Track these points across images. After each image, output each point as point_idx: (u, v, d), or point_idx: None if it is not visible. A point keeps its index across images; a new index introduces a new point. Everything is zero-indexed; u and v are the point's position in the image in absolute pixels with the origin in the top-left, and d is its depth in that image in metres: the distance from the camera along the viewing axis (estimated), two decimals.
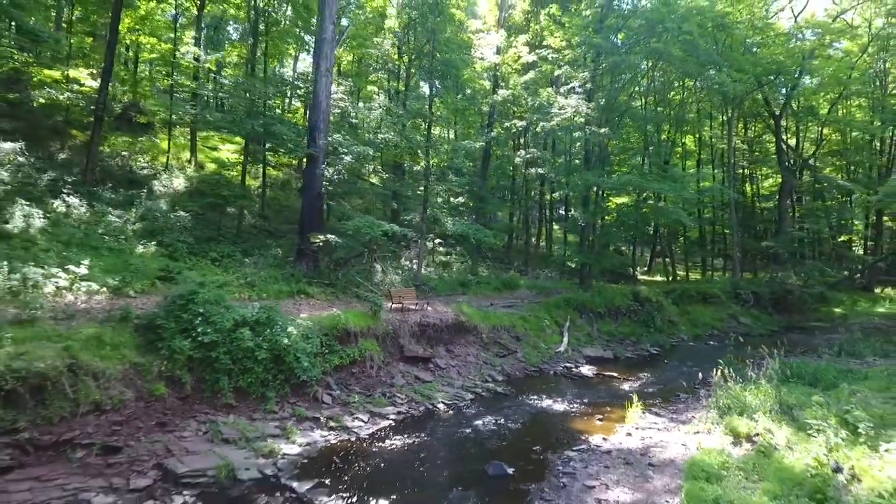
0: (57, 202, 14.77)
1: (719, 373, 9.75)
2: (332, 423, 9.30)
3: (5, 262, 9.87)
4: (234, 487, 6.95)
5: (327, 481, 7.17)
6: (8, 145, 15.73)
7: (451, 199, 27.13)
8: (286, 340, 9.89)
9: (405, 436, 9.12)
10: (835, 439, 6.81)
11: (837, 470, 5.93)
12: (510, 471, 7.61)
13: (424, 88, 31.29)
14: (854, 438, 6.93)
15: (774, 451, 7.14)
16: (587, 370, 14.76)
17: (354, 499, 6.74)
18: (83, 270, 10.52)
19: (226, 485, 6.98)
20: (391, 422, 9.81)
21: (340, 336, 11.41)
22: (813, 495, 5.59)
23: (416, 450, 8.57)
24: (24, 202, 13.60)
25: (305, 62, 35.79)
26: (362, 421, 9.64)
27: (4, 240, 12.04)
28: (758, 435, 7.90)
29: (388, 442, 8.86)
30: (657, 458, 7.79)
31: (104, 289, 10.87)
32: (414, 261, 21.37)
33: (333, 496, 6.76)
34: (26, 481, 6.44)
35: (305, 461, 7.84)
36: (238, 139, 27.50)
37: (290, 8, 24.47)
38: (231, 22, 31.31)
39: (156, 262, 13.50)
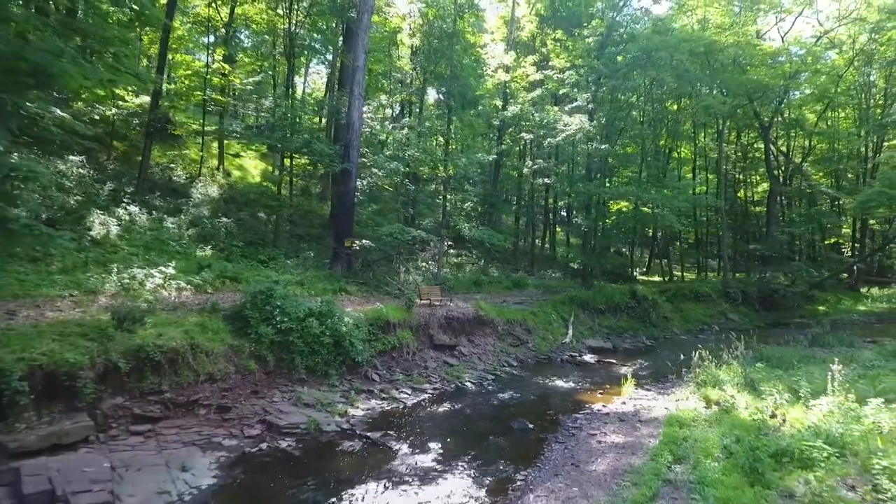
0: (120, 211, 16.90)
1: (698, 355, 11.92)
2: (383, 395, 11.51)
3: (115, 265, 12.10)
4: (322, 436, 9.15)
5: (391, 432, 9.38)
6: (72, 158, 17.93)
7: (461, 205, 29.29)
8: (343, 329, 12.08)
9: (444, 404, 11.35)
10: (780, 400, 9.06)
11: (772, 416, 8.13)
12: (531, 426, 9.83)
13: (431, 95, 33.47)
14: (795, 400, 9.13)
15: (734, 409, 9.31)
16: (589, 358, 16.96)
17: (416, 442, 8.94)
18: (171, 271, 12.72)
19: (315, 435, 9.17)
20: (430, 395, 12.02)
21: (382, 326, 13.60)
22: (752, 432, 7.75)
23: (454, 413, 10.79)
24: (97, 211, 15.80)
25: (315, 68, 37.97)
26: (406, 394, 11.85)
27: (97, 245, 14.25)
28: (725, 401, 10.08)
29: (430, 408, 11.08)
30: (645, 416, 10.00)
31: (189, 286, 13.08)
32: (430, 262, 23.51)
33: (400, 441, 8.97)
34: (173, 428, 8.64)
35: (370, 420, 10.05)
36: (258, 147, 29.67)
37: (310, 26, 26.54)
38: (242, 30, 33.04)
39: (218, 263, 15.68)
